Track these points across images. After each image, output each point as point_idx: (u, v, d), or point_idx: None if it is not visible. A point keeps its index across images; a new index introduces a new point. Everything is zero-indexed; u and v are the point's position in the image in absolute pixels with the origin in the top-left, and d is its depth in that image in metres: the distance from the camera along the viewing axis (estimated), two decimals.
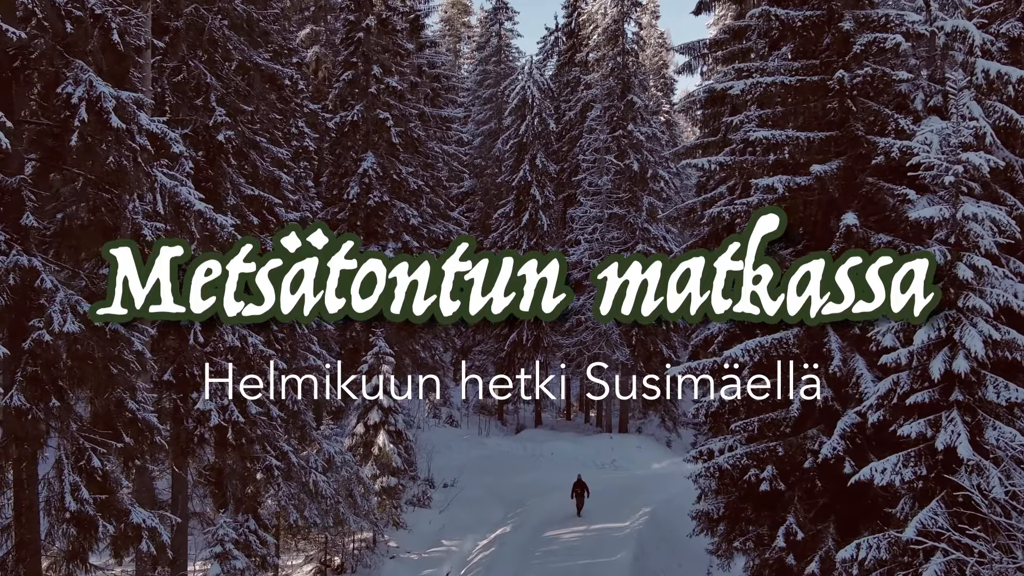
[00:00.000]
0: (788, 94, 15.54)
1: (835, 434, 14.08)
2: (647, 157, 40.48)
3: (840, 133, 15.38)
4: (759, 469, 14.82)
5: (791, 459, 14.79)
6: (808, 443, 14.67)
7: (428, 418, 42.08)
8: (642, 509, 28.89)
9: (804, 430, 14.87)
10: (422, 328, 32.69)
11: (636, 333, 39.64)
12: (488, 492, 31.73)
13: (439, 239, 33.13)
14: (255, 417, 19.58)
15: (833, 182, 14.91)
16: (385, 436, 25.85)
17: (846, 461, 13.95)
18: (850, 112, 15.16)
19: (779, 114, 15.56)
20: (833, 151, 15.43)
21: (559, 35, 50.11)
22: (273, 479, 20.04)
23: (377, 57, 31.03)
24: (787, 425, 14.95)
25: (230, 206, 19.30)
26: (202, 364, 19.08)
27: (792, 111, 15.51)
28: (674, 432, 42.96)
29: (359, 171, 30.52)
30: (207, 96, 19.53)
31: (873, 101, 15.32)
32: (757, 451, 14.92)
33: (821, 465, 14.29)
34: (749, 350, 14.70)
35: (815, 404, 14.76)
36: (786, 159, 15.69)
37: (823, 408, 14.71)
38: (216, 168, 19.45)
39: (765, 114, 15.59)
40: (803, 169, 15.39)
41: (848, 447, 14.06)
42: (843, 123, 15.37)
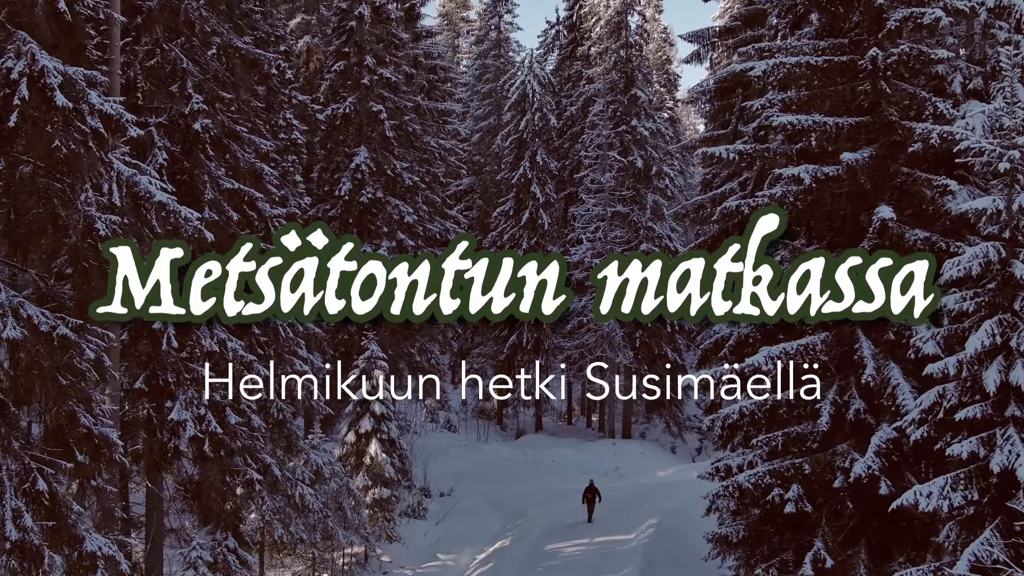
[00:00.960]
0: (814, 76, 14.12)
1: (869, 451, 12.68)
2: (651, 153, 39.09)
3: (872, 119, 13.98)
4: (783, 488, 13.42)
5: (819, 478, 13.39)
6: (838, 460, 13.27)
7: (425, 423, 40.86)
8: (648, 520, 27.67)
9: (833, 445, 13.47)
10: (418, 330, 31.31)
11: (640, 336, 38.32)
12: (487, 501, 30.47)
13: (436, 237, 31.70)
14: (235, 427, 18.20)
15: (865, 172, 13.51)
16: (377, 445, 24.45)
17: (882, 481, 12.56)
18: (883, 95, 13.76)
19: (804, 98, 14.15)
20: (864, 138, 14.04)
21: (560, 28, 48.73)
22: (255, 493, 18.65)
23: (370, 47, 29.59)
24: (814, 440, 13.55)
25: (208, 201, 17.92)
26: (177, 370, 17.73)
27: (818, 95, 14.11)
28: (679, 438, 41.70)
29: (351, 166, 29.09)
30: (183, 82, 18.14)
31: (908, 83, 13.92)
32: (781, 468, 13.52)
33: (853, 485, 12.89)
34: (773, 357, 13.31)
35: (845, 417, 13.36)
36: (811, 148, 14.31)
37: (854, 421, 13.31)
38: (193, 160, 18.07)
39: (788, 98, 14.17)
40: (831, 158, 13.99)
41: (884, 465, 12.67)
42: (875, 108, 13.98)
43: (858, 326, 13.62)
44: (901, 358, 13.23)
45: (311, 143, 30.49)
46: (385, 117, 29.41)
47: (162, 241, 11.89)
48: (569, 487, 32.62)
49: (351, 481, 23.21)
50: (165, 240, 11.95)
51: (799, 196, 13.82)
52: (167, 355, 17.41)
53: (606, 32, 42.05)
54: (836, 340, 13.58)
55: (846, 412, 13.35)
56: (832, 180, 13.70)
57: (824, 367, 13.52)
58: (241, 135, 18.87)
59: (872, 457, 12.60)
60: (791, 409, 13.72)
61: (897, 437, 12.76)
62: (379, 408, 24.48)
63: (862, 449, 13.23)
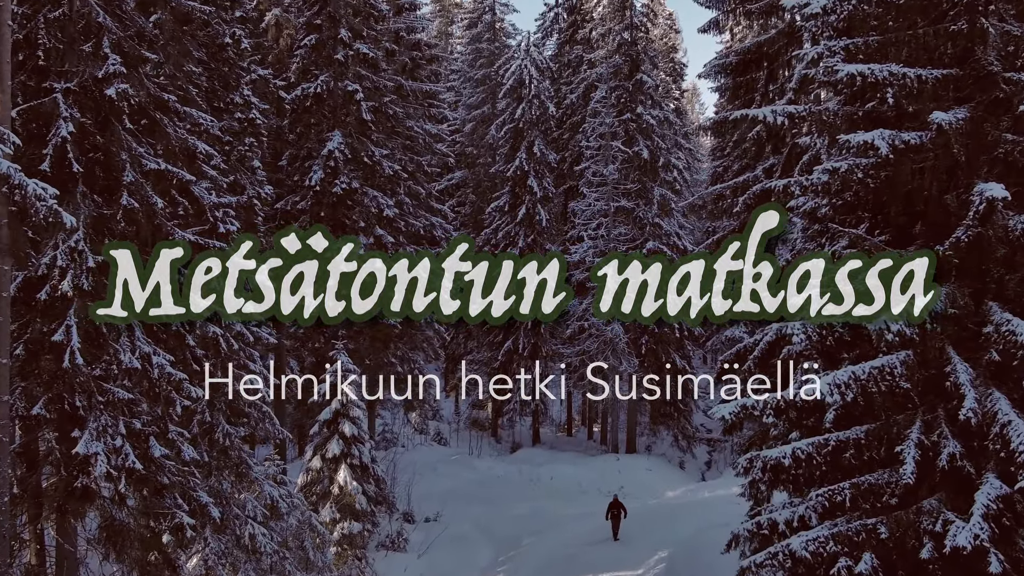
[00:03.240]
0: (887, 15, 10.83)
1: (975, 513, 9.35)
2: (658, 143, 35.80)
3: (963, 71, 10.68)
4: (852, 558, 10.09)
5: (899, 544, 10.06)
6: (925, 521, 9.95)
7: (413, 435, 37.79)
8: (658, 553, 24.81)
9: (918, 500, 10.16)
10: (399, 337, 28.01)
11: (646, 341, 35.03)
12: (477, 528, 27.38)
13: (419, 233, 28.36)
14: (160, 460, 14.91)
15: (959, 139, 10.21)
16: (347, 472, 21.15)
17: (991, 554, 9.25)
18: (981, 38, 10.45)
19: (874, 45, 10.83)
20: (952, 96, 10.74)
21: (559, 11, 45.51)
22: (187, 540, 15.33)
23: (346, 19, 26.26)
24: (893, 494, 10.24)
25: (127, 184, 14.62)
26: (89, 392, 14.43)
27: (893, 41, 10.79)
28: (688, 452, 38.55)
29: (323, 153, 25.74)
30: (99, 40, 14.85)
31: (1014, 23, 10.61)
32: (849, 532, 10.19)
33: (948, 557, 9.58)
34: (840, 385, 9.99)
35: (935, 463, 10.05)
36: (883, 110, 11.01)
37: (948, 470, 9.99)
38: (108, 134, 14.76)
39: (854, 44, 10.84)
40: (910, 122, 10.71)
41: (994, 532, 9.36)
42: (968, 56, 10.67)
43: (947, 341, 10.35)
44: (1009, 384, 9.96)
45: (280, 128, 27.20)
46: (362, 98, 26.11)
47: (163, 243, 12.24)
48: (569, 511, 29.73)
49: (315, 516, 19.92)
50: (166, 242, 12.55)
51: (870, 171, 10.52)
52: (74, 373, 14.13)
53: (609, 12, 38.95)
54: (920, 360, 10.28)
55: (936, 457, 10.03)
56: (913, 150, 10.40)
57: (906, 396, 10.21)
58: (171, 106, 15.54)
59: (979, 522, 9.27)
60: (859, 451, 10.40)
61: (1009, 494, 9.48)
62: (349, 429, 21.18)
63: (957, 506, 9.93)
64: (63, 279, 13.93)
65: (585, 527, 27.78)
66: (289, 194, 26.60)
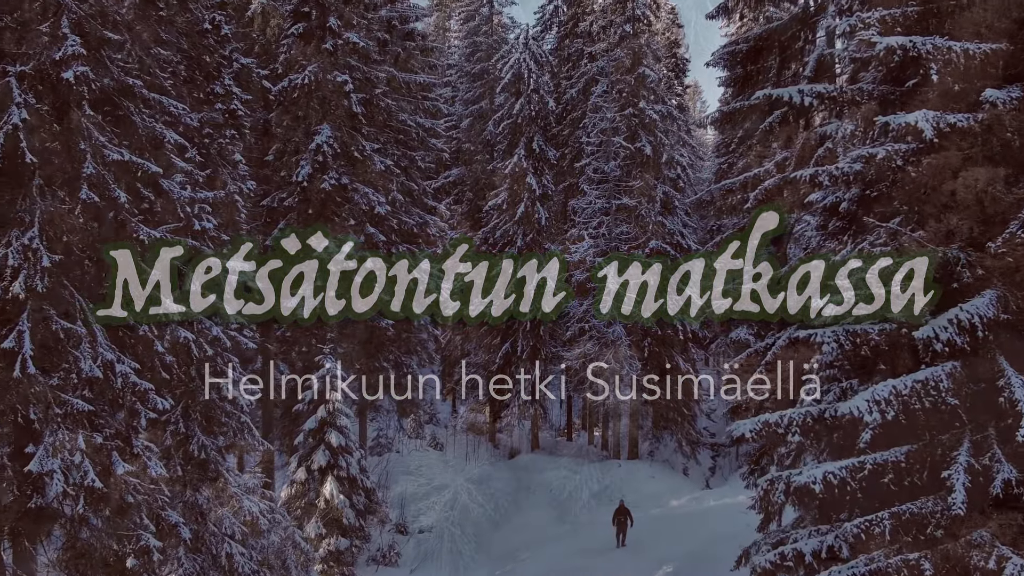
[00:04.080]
0: None
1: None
2: (661, 139, 34.39)
3: (1015, 46, 9.45)
4: None
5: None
6: (975, 556, 8.73)
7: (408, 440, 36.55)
8: (663, 567, 23.59)
9: (968, 531, 8.92)
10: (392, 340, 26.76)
11: (648, 344, 33.71)
12: (474, 539, 26.36)
13: (412, 232, 27.08)
14: (124, 478, 13.67)
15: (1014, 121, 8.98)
16: (334, 484, 19.92)
17: None
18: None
19: (913, 16, 9.60)
20: (1001, 74, 9.50)
21: (559, 3, 44.21)
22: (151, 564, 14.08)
23: (335, 6, 25.00)
24: (939, 524, 9.00)
25: (87, 176, 13.37)
26: (45, 403, 13.19)
27: (935, 12, 9.56)
28: (692, 458, 37.17)
29: (311, 147, 24.47)
30: (57, 19, 13.62)
31: None
32: (888, 569, 8.96)
33: None
34: (880, 402, 8.75)
35: (987, 490, 8.82)
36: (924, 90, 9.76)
37: (1003, 497, 8.77)
38: (67, 122, 13.52)
39: (891, 15, 9.60)
40: (955, 102, 9.47)
41: None
42: (1021, 29, 9.45)
43: (998, 351, 9.12)
44: None
45: (266, 121, 25.95)
46: (352, 89, 24.84)
47: (162, 241, 12.24)
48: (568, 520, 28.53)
49: (299, 531, 18.69)
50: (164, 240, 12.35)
51: (910, 157, 9.27)
52: (28, 383, 12.89)
53: (610, 4, 37.67)
54: (969, 374, 9.04)
55: (988, 483, 8.80)
56: (959, 133, 9.16)
57: (952, 414, 8.98)
58: (137, 92, 14.29)
59: None
60: (899, 475, 9.17)
61: None
62: (336, 439, 19.94)
63: (1011, 539, 8.70)
64: (15, 280, 12.77)
65: (585, 537, 26.68)
66: (276, 190, 25.35)
